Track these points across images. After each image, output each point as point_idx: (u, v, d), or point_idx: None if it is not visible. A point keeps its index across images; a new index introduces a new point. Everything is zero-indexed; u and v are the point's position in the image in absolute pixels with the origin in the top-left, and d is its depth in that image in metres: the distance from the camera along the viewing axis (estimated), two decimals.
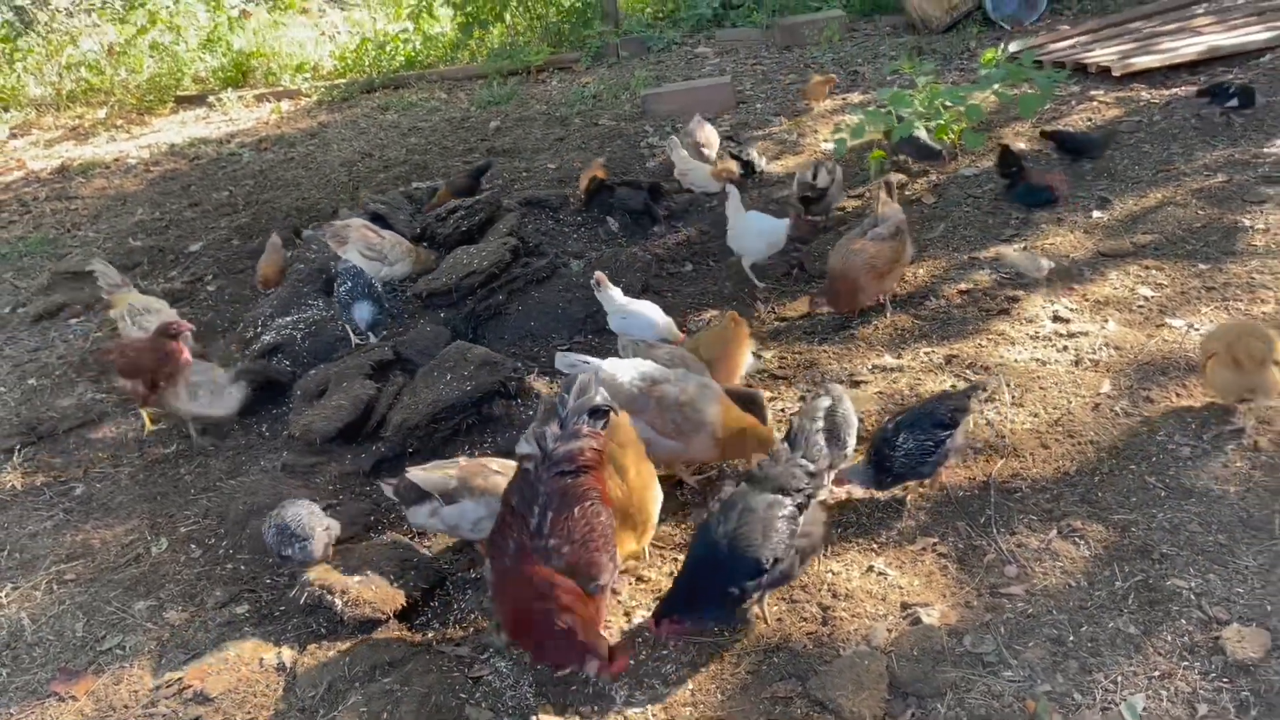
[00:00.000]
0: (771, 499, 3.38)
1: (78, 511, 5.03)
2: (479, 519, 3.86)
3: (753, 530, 3.30)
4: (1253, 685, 3.00)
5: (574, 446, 3.38)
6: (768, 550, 3.29)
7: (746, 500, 3.39)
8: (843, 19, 12.33)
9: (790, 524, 3.37)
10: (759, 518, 3.33)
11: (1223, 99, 7.33)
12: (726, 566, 3.29)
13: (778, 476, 3.46)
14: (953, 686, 3.18)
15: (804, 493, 3.45)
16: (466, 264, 6.07)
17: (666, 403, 4.08)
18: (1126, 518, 3.75)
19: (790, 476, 3.45)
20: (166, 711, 3.56)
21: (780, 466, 3.50)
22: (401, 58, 14.40)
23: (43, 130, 13.75)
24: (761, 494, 3.40)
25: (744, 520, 3.33)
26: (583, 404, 3.45)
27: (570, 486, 3.35)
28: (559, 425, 3.42)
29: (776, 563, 3.32)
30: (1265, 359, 3.91)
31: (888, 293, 5.60)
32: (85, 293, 7.80)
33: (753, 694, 3.27)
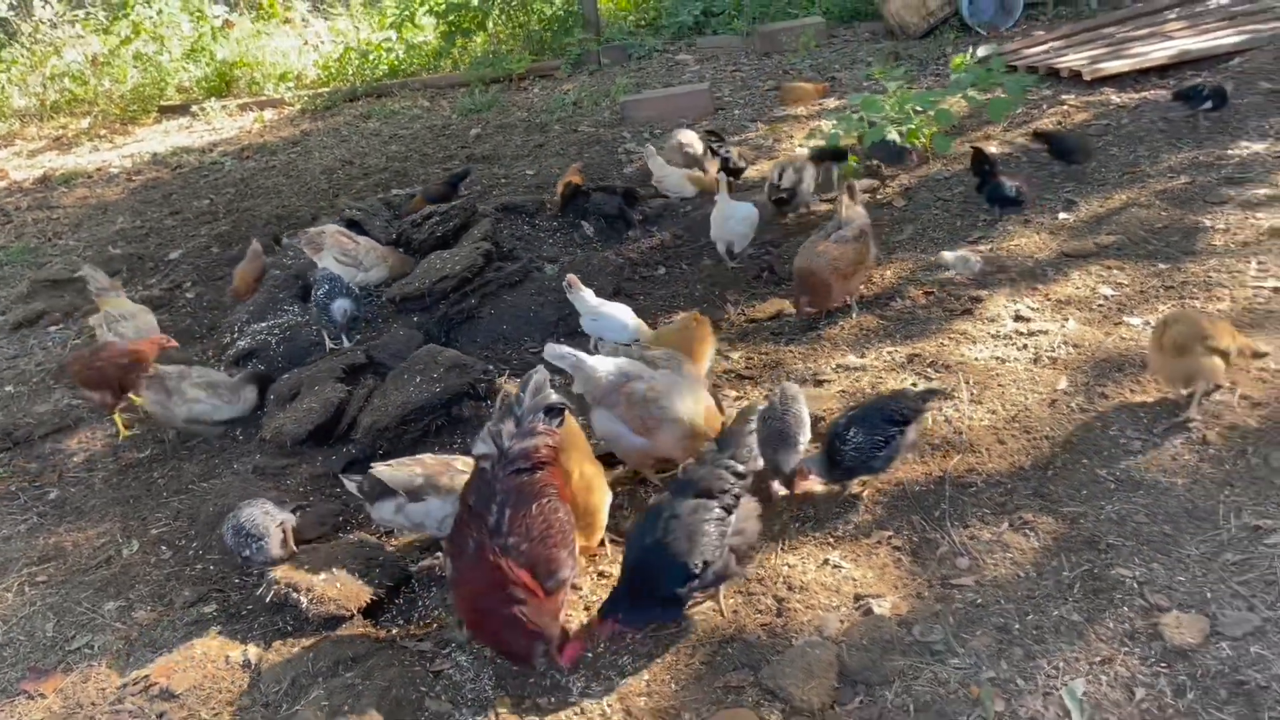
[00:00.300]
0: (696, 503, 3.39)
1: (51, 515, 5.08)
2: (444, 517, 3.92)
3: (678, 537, 3.32)
4: (1189, 670, 3.07)
5: (530, 444, 3.46)
6: (696, 555, 3.31)
7: (672, 506, 3.41)
8: (822, 26, 12.46)
9: (719, 526, 3.39)
10: (683, 524, 3.34)
11: (1198, 101, 7.45)
12: (658, 573, 3.33)
13: (702, 479, 3.47)
14: (900, 674, 3.25)
15: (731, 493, 3.46)
16: (440, 268, 6.14)
17: (634, 398, 4.15)
18: (1076, 510, 3.83)
19: (715, 478, 3.46)
20: (133, 708, 3.61)
21: (705, 469, 3.52)
22: (385, 66, 14.48)
23: (26, 141, 13.80)
24: (685, 499, 3.41)
25: (670, 527, 3.34)
26: (538, 402, 3.52)
27: (527, 484, 3.43)
28: (514, 423, 3.49)
29: (708, 565, 3.34)
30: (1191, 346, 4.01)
31: (853, 294, 5.68)
32: (65, 300, 7.88)
33: (706, 683, 3.34)
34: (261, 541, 3.99)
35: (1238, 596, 3.30)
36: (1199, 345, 4.05)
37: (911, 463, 4.29)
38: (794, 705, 3.18)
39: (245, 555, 4.02)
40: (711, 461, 3.54)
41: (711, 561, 3.35)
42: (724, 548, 3.40)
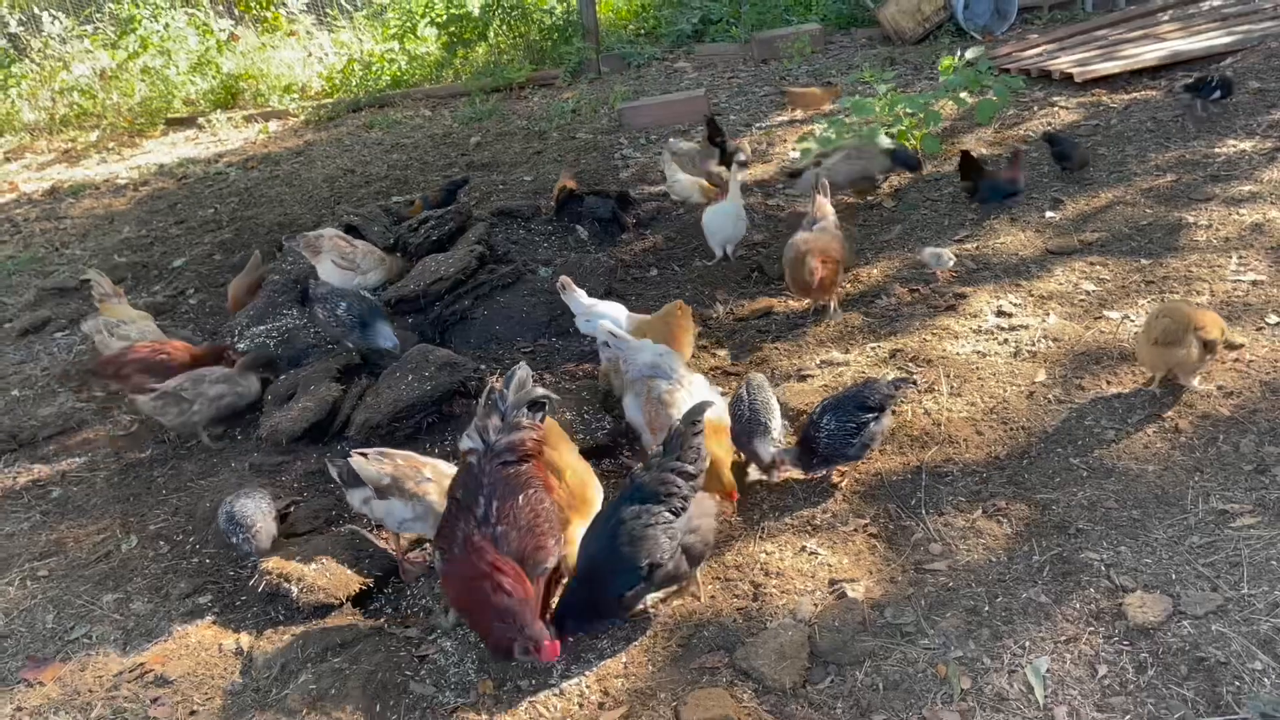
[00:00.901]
0: (640, 508, 3.42)
1: (54, 513, 5.20)
2: (404, 520, 4.02)
3: (623, 541, 3.37)
4: (1151, 648, 3.15)
5: (515, 438, 3.56)
6: (643, 558, 3.35)
7: (617, 512, 3.45)
8: (818, 32, 12.56)
9: (666, 529, 3.41)
10: (628, 528, 3.38)
11: (1208, 92, 7.62)
12: (604, 578, 3.39)
13: (648, 483, 3.48)
14: (871, 655, 3.33)
15: (679, 496, 3.47)
16: (434, 271, 6.25)
17: (652, 395, 4.23)
18: (1049, 497, 3.91)
19: (660, 482, 3.47)
20: (128, 694, 3.71)
21: (650, 473, 3.52)
22: (387, 77, 14.64)
23: (36, 154, 14.00)
24: (630, 505, 3.44)
25: (615, 532, 3.39)
26: (522, 397, 3.62)
27: (513, 475, 3.52)
28: (499, 418, 3.59)
29: (655, 568, 3.38)
30: (1178, 339, 4.10)
31: (830, 294, 5.70)
32: (71, 308, 8.02)
33: (682, 665, 3.42)
34: (249, 531, 4.11)
35: (1201, 578, 3.38)
36: (1190, 335, 4.14)
37: (890, 453, 4.38)
38: (766, 685, 3.26)
39: (233, 541, 4.15)
40: (657, 466, 3.53)
41: (660, 564, 3.38)
42: (675, 549, 3.42)
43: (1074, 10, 12.10)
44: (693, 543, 3.50)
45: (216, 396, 5.46)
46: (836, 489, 4.22)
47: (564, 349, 5.98)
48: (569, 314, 6.04)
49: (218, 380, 5.49)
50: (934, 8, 11.81)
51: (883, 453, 4.39)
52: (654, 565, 3.37)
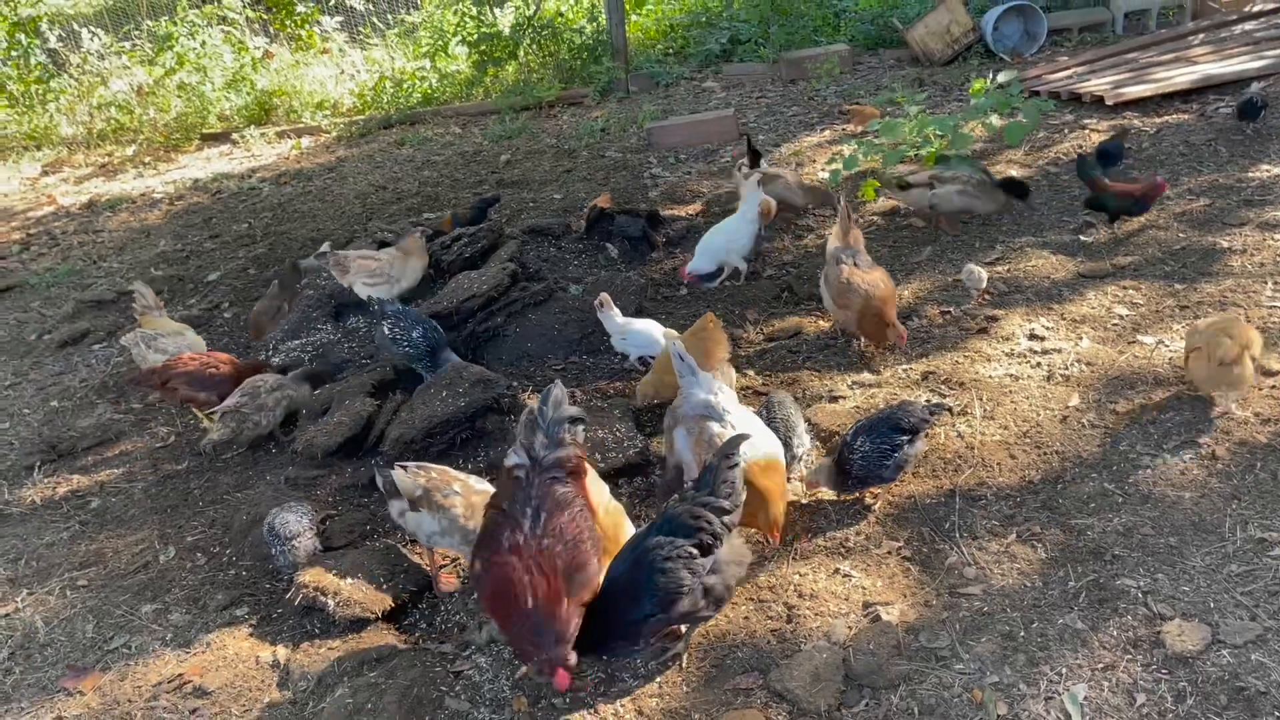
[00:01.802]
0: (666, 540, 3.34)
1: (92, 523, 5.28)
2: (431, 533, 4.04)
3: (642, 570, 3.31)
4: (1190, 676, 3.13)
5: (562, 454, 3.55)
6: (659, 591, 3.27)
7: (644, 540, 3.40)
8: (847, 53, 12.60)
9: (687, 564, 3.30)
10: (650, 558, 3.31)
11: (1253, 115, 7.75)
12: (622, 604, 3.32)
13: (677, 516, 3.41)
14: (906, 679, 3.33)
15: (709, 531, 3.36)
16: (467, 288, 6.32)
17: (703, 437, 4.01)
18: (1084, 522, 3.90)
19: (690, 516, 3.38)
20: (167, 704, 3.76)
21: (683, 505, 3.43)
22: (418, 95, 14.82)
23: (73, 167, 14.24)
24: (657, 535, 3.38)
25: (639, 560, 3.34)
26: (560, 414, 3.64)
27: (561, 492, 3.50)
28: (544, 435, 3.60)
29: (673, 603, 3.28)
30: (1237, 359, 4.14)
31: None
32: (108, 320, 8.16)
33: (716, 686, 3.43)
34: (288, 544, 4.18)
35: (1240, 606, 3.36)
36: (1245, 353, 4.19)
37: (923, 476, 4.38)
38: (801, 707, 3.27)
39: (273, 553, 4.21)
40: (691, 499, 3.46)
41: (677, 600, 3.29)
42: (695, 586, 3.33)
43: (1104, 32, 12.10)
44: (714, 584, 3.38)
45: (275, 405, 5.64)
46: (870, 511, 4.22)
47: (595, 367, 6.02)
48: (600, 332, 6.10)
49: (273, 389, 5.65)
50: (963, 30, 11.84)
51: (916, 475, 4.39)
52: (670, 599, 3.28)
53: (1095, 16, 12.30)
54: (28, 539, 5.19)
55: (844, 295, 5.35)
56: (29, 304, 8.96)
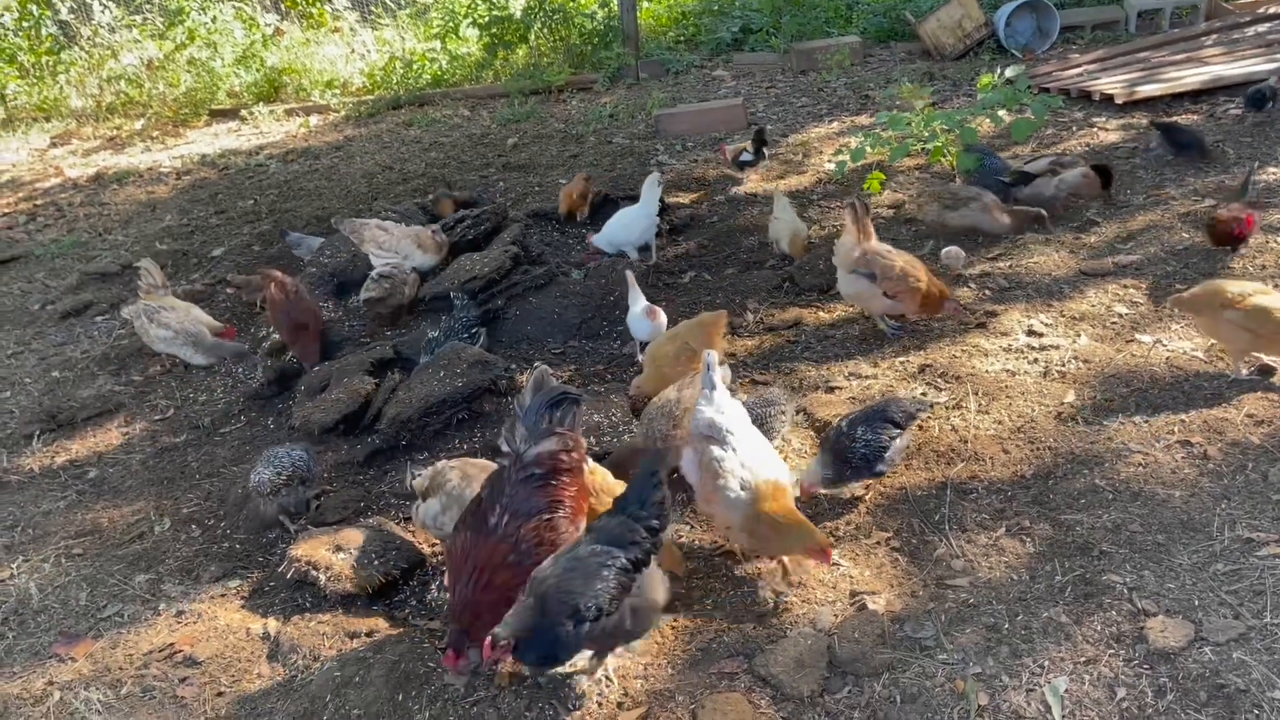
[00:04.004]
0: (601, 548, 3.24)
1: (89, 493, 5.32)
2: (435, 515, 4.05)
3: (574, 577, 3.17)
4: (1171, 672, 3.15)
5: (543, 449, 3.46)
6: (589, 598, 3.12)
7: (575, 548, 3.28)
8: (858, 45, 12.57)
9: (620, 575, 3.19)
10: (583, 565, 3.20)
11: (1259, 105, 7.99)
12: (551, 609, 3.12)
13: (614, 527, 3.31)
14: (889, 667, 3.35)
15: (641, 547, 3.28)
16: (469, 269, 6.33)
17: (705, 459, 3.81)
18: (1073, 518, 3.91)
19: (627, 528, 3.30)
20: (158, 673, 3.80)
21: (616, 518, 3.35)
22: (428, 76, 14.80)
23: (82, 140, 14.25)
24: (592, 544, 3.27)
25: (569, 566, 3.21)
26: (542, 398, 3.52)
27: (534, 494, 3.44)
28: (524, 427, 3.50)
29: (601, 614, 3.13)
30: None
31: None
32: (112, 292, 8.19)
33: (700, 669, 3.46)
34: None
35: (1224, 604, 3.37)
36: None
37: (915, 468, 4.39)
38: (784, 692, 3.29)
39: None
40: (622, 511, 3.37)
41: (607, 611, 3.15)
42: (621, 600, 3.20)
43: (1117, 31, 12.06)
44: (639, 605, 3.26)
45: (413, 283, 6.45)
46: (860, 501, 4.24)
47: (594, 351, 6.04)
48: (600, 317, 6.14)
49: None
50: (975, 24, 11.80)
51: (908, 467, 4.40)
52: (600, 610, 3.13)
53: (1108, 14, 12.25)
54: (25, 507, 5.23)
55: (899, 284, 5.34)
56: (34, 274, 9.00)
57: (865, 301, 5.60)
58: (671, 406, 4.43)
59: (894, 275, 5.34)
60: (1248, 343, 4.53)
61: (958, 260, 6.24)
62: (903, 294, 5.36)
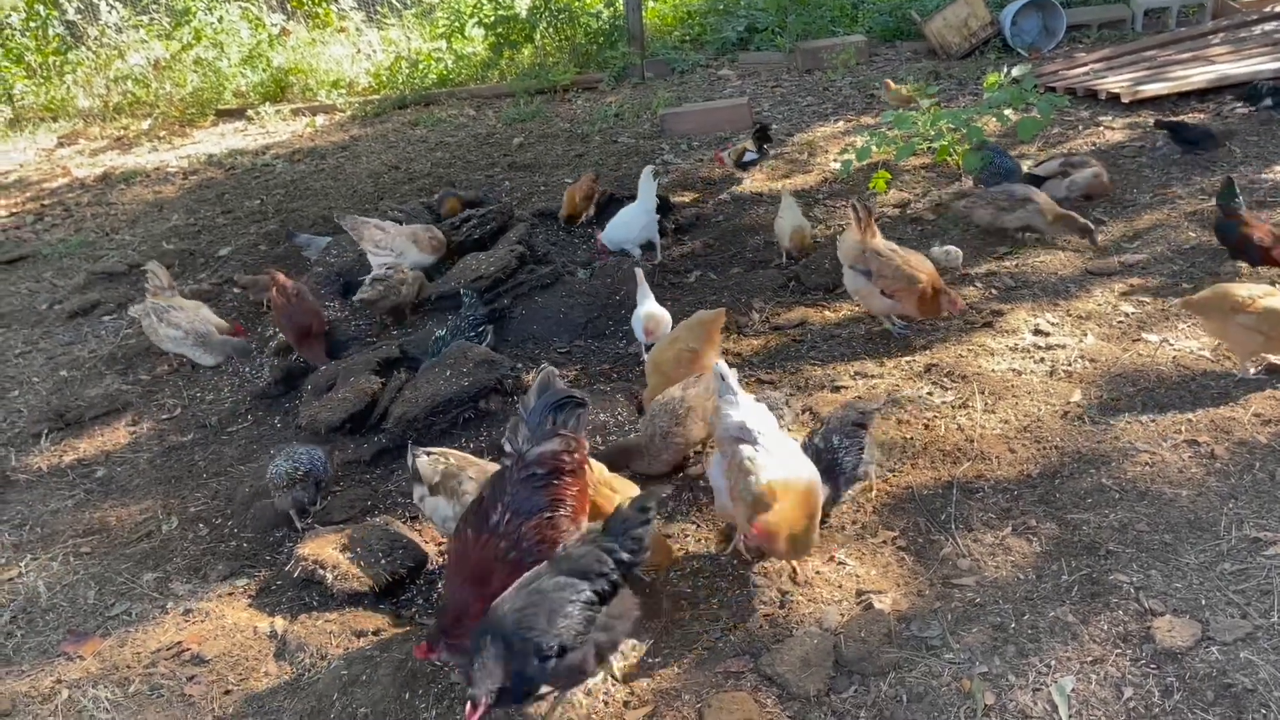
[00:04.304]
0: (565, 581, 3.11)
1: (97, 492, 5.34)
2: (446, 518, 4.05)
3: (538, 612, 3.03)
4: (1178, 672, 3.14)
5: (545, 449, 3.47)
6: (552, 636, 2.98)
7: (539, 580, 3.14)
8: (863, 44, 12.56)
9: (586, 610, 3.07)
10: (548, 599, 3.06)
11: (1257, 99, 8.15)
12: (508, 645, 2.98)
13: (580, 558, 3.19)
14: (895, 666, 3.35)
15: (608, 579, 3.17)
16: (475, 269, 6.34)
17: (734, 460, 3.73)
18: (1080, 517, 3.91)
19: (594, 559, 3.18)
20: (165, 671, 3.81)
21: (586, 548, 3.24)
22: (434, 76, 14.81)
23: (89, 140, 14.30)
24: (556, 575, 3.14)
25: (531, 600, 3.07)
26: (546, 400, 3.54)
27: (535, 493, 3.45)
28: (527, 428, 3.53)
29: (565, 651, 3.01)
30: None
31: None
32: (119, 292, 8.21)
33: (707, 668, 3.46)
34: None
35: (1231, 604, 3.36)
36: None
37: (921, 467, 4.39)
38: (790, 691, 3.29)
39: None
40: (594, 542, 3.27)
41: (571, 648, 3.03)
42: (588, 638, 3.07)
43: (1123, 29, 12.03)
44: (603, 641, 3.15)
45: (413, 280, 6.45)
46: (866, 500, 4.23)
47: (600, 350, 6.04)
48: (606, 316, 6.15)
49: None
50: (981, 23, 11.78)
51: (914, 466, 4.41)
52: (564, 647, 3.02)
53: (1115, 13, 12.22)
54: (33, 505, 5.25)
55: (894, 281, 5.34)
56: (41, 274, 9.03)
57: (865, 299, 5.61)
58: (675, 405, 4.45)
59: (888, 273, 5.35)
60: (1259, 345, 4.52)
61: (956, 259, 6.23)
62: (900, 292, 5.35)
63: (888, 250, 5.43)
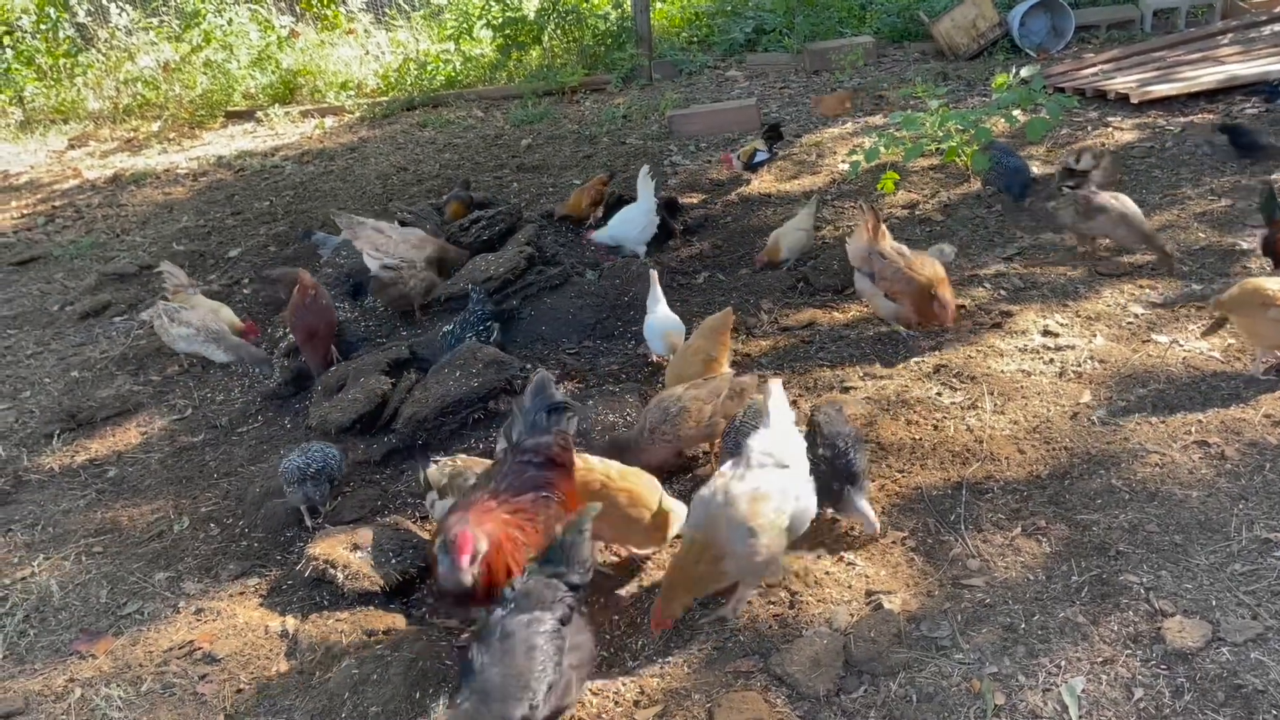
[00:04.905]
0: (530, 617, 3.02)
1: (109, 492, 5.36)
2: None
3: (517, 655, 2.95)
4: (1189, 673, 3.14)
5: (541, 441, 3.66)
6: (537, 675, 2.91)
7: (503, 624, 3.02)
8: (871, 45, 12.55)
9: (555, 640, 3.02)
10: (520, 639, 2.97)
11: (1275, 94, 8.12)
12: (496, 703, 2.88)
13: (533, 592, 3.11)
14: (905, 666, 3.35)
15: (564, 603, 3.10)
16: (484, 269, 6.36)
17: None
18: (1090, 518, 3.91)
19: (546, 587, 3.11)
20: (177, 669, 3.83)
21: (533, 581, 3.15)
22: (442, 77, 14.84)
23: (99, 141, 14.35)
24: (518, 614, 3.04)
25: (506, 646, 2.96)
26: (541, 402, 3.72)
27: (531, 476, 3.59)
28: (523, 425, 3.70)
29: (550, 688, 2.95)
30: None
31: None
32: (130, 293, 8.26)
33: (716, 668, 3.47)
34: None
35: (1242, 605, 3.36)
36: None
37: (931, 468, 4.39)
38: (800, 691, 3.30)
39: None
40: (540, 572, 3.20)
41: (554, 683, 2.96)
42: (563, 667, 3.01)
43: (1132, 30, 12.02)
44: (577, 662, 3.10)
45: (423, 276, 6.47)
46: (874, 500, 4.24)
47: (608, 351, 6.05)
48: (615, 317, 6.16)
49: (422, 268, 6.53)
50: (989, 24, 11.77)
51: (924, 467, 4.41)
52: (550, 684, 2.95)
53: (1123, 14, 12.20)
54: (45, 505, 5.28)
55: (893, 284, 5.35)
56: (52, 275, 9.07)
57: (870, 301, 5.62)
58: (669, 403, 4.47)
59: (888, 274, 5.36)
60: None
61: (948, 257, 6.17)
62: (900, 295, 5.36)
63: (893, 253, 5.43)
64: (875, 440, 4.58)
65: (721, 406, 4.49)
